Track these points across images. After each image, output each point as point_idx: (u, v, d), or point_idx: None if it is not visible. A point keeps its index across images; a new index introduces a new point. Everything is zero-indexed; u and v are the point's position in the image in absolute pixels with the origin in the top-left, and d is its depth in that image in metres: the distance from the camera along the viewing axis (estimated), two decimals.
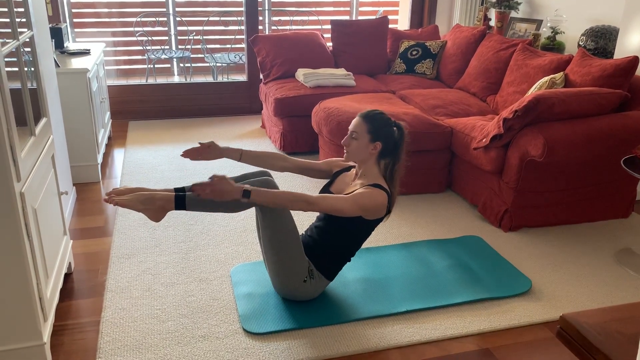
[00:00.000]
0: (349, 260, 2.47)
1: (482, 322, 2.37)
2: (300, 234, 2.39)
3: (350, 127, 2.34)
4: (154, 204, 2.21)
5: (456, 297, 2.52)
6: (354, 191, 2.28)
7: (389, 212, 2.34)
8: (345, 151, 2.37)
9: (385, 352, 2.20)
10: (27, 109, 2.17)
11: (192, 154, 2.45)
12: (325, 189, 2.48)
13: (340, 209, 2.20)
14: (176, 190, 2.30)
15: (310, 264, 2.36)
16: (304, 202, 2.16)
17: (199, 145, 2.46)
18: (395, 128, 2.32)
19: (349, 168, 2.52)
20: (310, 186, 3.73)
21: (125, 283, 2.59)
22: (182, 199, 2.23)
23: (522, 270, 2.78)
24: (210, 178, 2.11)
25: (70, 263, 2.66)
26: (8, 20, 2.06)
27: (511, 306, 2.49)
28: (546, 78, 3.51)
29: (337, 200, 2.20)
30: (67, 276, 2.66)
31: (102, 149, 4.08)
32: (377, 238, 3.05)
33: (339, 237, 2.37)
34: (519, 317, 2.42)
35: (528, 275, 2.73)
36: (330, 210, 2.20)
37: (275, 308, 2.41)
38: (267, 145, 4.55)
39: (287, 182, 3.78)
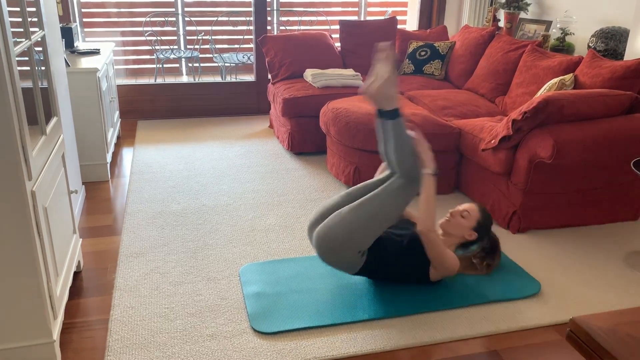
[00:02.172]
0: (371, 279, 2.61)
1: (490, 324, 2.37)
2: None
3: (465, 206, 2.61)
4: (389, 92, 2.31)
5: (464, 299, 2.51)
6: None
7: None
8: (447, 219, 2.59)
9: (393, 352, 2.20)
10: (38, 108, 2.19)
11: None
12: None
13: (439, 250, 2.41)
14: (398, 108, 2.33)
15: (371, 250, 2.42)
16: (433, 222, 2.38)
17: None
18: (488, 237, 2.64)
19: None
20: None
21: (133, 282, 2.60)
22: (399, 115, 2.32)
23: (530, 272, 2.77)
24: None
25: (79, 261, 2.68)
26: (20, 20, 2.08)
27: (520, 308, 2.48)
28: (556, 79, 3.50)
29: (445, 252, 2.43)
30: (77, 274, 2.67)
31: (111, 148, 4.11)
32: None
33: (399, 262, 2.48)
34: (528, 319, 2.41)
35: (536, 277, 2.72)
36: (433, 245, 2.39)
37: (284, 308, 2.41)
38: (274, 145, 4.56)
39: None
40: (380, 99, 2.31)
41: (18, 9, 2.06)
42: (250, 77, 5.78)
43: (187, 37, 6.19)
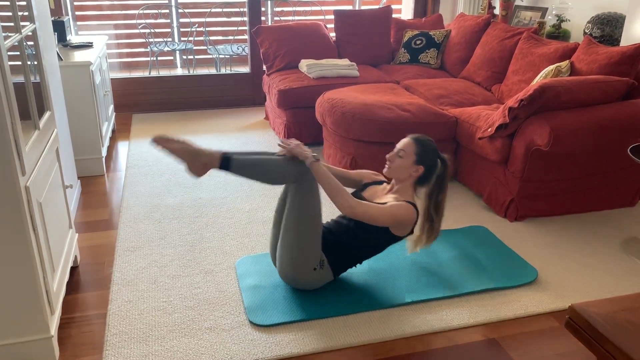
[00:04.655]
0: (355, 266, 2.53)
1: (488, 312, 2.37)
2: None
3: (399, 145, 2.44)
4: (199, 160, 2.25)
5: (462, 287, 2.51)
6: (385, 202, 2.33)
7: (411, 232, 2.44)
8: (387, 166, 2.45)
9: (391, 342, 2.21)
10: (31, 103, 2.17)
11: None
12: (356, 195, 2.50)
13: (375, 217, 2.27)
14: (224, 153, 2.28)
15: (323, 255, 2.37)
16: (346, 199, 2.24)
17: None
18: (439, 160, 2.42)
19: (380, 182, 2.58)
20: None
21: (131, 276, 2.60)
22: (228, 160, 2.25)
23: (528, 260, 2.77)
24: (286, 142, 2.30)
25: (76, 256, 2.67)
26: (10, 13, 2.05)
27: (517, 296, 2.48)
28: (552, 66, 3.48)
29: (374, 208, 2.27)
30: (73, 269, 2.66)
31: (106, 142, 4.08)
32: None
33: (360, 241, 2.41)
34: (526, 307, 2.41)
35: (534, 265, 2.72)
36: (364, 216, 2.26)
37: (281, 300, 2.41)
38: (271, 137, 4.54)
39: None
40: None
41: (8, 2, 2.04)
42: (245, 69, 5.75)
43: (181, 29, 6.14)
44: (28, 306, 1.96)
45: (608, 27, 3.90)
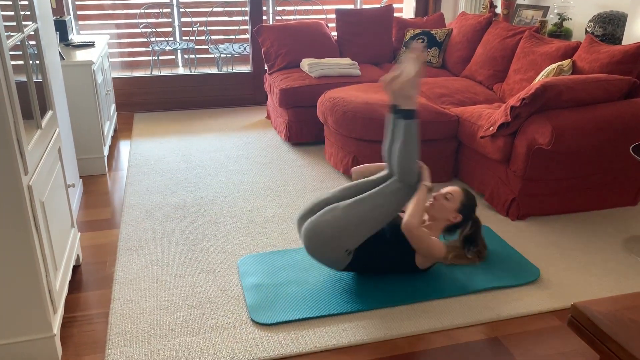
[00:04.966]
0: (362, 274, 2.59)
1: (490, 311, 2.37)
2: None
3: (448, 189, 2.60)
4: (409, 93, 2.34)
5: (464, 286, 2.51)
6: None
7: (427, 269, 2.58)
8: (431, 201, 2.56)
9: (393, 341, 2.21)
10: (33, 102, 2.17)
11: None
12: None
13: (421, 240, 2.39)
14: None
15: (358, 249, 2.40)
16: (418, 221, 2.36)
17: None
18: (473, 221, 2.63)
19: None
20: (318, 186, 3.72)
21: (133, 275, 2.60)
22: (413, 116, 2.33)
23: (530, 259, 2.77)
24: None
25: (78, 255, 2.67)
26: (13, 13, 2.05)
27: (519, 295, 2.48)
28: (553, 65, 3.48)
29: (426, 235, 2.40)
30: (76, 268, 2.67)
31: (108, 142, 4.09)
32: None
33: (387, 251, 2.47)
34: (528, 305, 2.41)
35: (536, 264, 2.72)
36: (414, 236, 2.37)
37: (283, 299, 2.41)
38: (272, 136, 4.54)
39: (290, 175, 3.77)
40: (399, 96, 2.33)
41: (10, 2, 2.04)
42: (246, 68, 5.75)
43: (183, 29, 6.15)
44: (31, 305, 1.97)
45: (610, 25, 3.89)
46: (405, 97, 2.31)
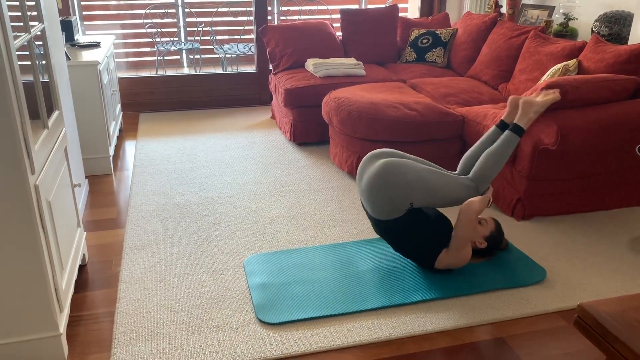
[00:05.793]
0: (385, 235, 2.57)
1: (496, 312, 2.37)
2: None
3: (484, 216, 2.70)
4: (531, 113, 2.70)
5: (470, 286, 2.51)
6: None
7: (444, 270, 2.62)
8: None
9: (398, 341, 2.21)
10: (40, 102, 2.18)
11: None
12: None
13: (464, 227, 2.43)
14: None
15: (415, 207, 2.47)
16: (478, 206, 2.46)
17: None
18: (496, 251, 2.72)
19: None
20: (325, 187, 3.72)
21: (138, 274, 2.61)
22: (521, 131, 2.66)
23: (535, 259, 2.76)
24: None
25: (84, 255, 2.69)
26: (20, 13, 2.06)
27: (525, 295, 2.48)
28: (559, 65, 3.47)
29: (468, 229, 2.44)
30: (82, 268, 2.68)
31: (114, 141, 4.10)
32: None
33: (421, 229, 2.49)
34: (533, 306, 2.40)
35: (542, 264, 2.72)
36: (462, 222, 2.43)
37: (289, 298, 2.41)
38: (277, 136, 4.54)
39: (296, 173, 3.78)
40: (522, 110, 2.65)
41: (17, 2, 2.05)
42: (251, 68, 5.76)
43: (188, 29, 6.16)
44: (37, 304, 1.98)
45: (616, 25, 3.88)
46: (525, 115, 2.63)
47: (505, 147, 2.57)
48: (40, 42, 2.39)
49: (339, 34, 5.00)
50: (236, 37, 6.25)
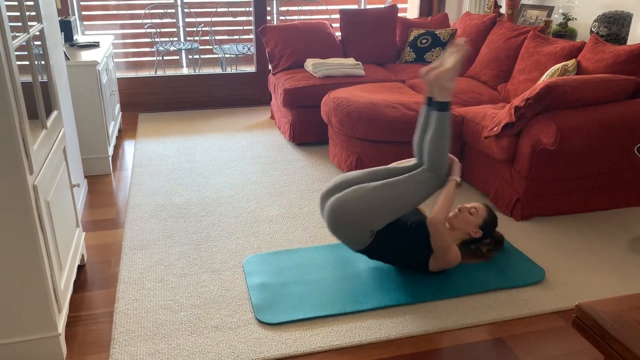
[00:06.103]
0: (371, 256, 2.54)
1: (495, 312, 2.37)
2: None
3: (472, 204, 2.61)
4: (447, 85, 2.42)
5: (469, 287, 2.51)
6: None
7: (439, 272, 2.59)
8: (454, 213, 2.58)
9: (397, 341, 2.21)
10: (39, 102, 2.18)
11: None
12: None
13: (442, 240, 2.38)
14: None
15: (380, 231, 2.42)
16: (444, 217, 2.37)
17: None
18: (493, 239, 2.66)
19: None
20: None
21: (137, 274, 2.61)
22: (448, 108, 2.42)
23: (534, 259, 2.76)
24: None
25: (83, 255, 2.68)
26: (18, 13, 2.06)
27: (524, 295, 2.48)
28: (558, 65, 3.47)
29: (448, 237, 2.40)
30: (80, 268, 2.68)
31: (113, 142, 4.10)
32: None
33: (407, 242, 2.45)
34: (532, 306, 2.40)
35: (540, 264, 2.72)
36: (438, 234, 2.36)
37: (288, 298, 2.41)
38: (276, 136, 4.54)
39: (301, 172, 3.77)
40: (436, 87, 2.41)
41: (16, 2, 2.05)
42: (250, 68, 5.76)
43: (187, 29, 6.16)
44: (36, 304, 1.98)
45: (615, 25, 3.88)
46: (441, 89, 2.39)
47: (441, 128, 2.39)
48: (39, 42, 2.38)
49: (338, 34, 5.00)
50: (235, 37, 6.25)
